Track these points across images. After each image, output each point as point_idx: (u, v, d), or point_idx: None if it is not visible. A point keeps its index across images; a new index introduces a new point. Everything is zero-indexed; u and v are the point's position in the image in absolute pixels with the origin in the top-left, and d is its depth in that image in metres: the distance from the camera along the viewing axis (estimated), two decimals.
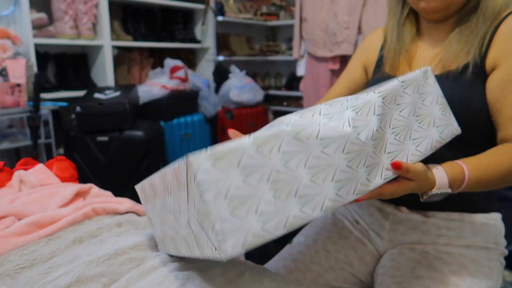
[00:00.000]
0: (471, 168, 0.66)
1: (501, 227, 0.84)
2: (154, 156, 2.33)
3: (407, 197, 0.79)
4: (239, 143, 0.44)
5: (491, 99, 0.74)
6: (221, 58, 3.42)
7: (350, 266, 0.87)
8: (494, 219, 0.82)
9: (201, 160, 0.42)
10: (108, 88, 2.41)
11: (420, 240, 0.82)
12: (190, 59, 3.40)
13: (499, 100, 0.73)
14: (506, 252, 0.83)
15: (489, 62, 0.75)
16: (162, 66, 2.96)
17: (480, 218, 0.81)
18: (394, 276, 0.78)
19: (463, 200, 0.80)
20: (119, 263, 0.62)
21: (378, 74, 0.92)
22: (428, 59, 0.84)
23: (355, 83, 0.98)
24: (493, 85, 0.74)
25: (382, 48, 0.94)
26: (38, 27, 2.25)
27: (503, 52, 0.74)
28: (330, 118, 0.54)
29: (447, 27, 0.83)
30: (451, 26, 0.82)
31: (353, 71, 0.99)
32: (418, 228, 0.82)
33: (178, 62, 2.86)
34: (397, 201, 0.84)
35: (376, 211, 0.87)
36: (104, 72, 2.59)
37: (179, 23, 3.16)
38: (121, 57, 2.89)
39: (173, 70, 2.81)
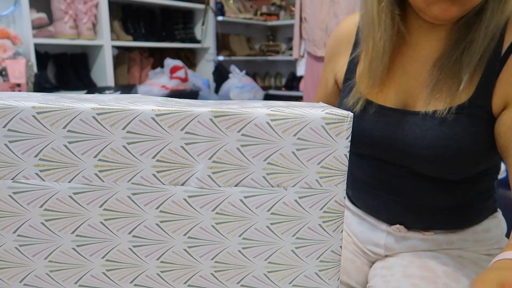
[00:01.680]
0: None
1: (503, 226, 0.80)
2: None
3: (403, 215, 0.76)
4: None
5: (503, 142, 0.60)
6: (221, 58, 3.42)
7: (347, 276, 0.80)
8: (495, 222, 0.78)
9: None
10: (108, 88, 2.41)
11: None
12: (190, 59, 3.40)
13: None
14: None
15: (498, 100, 0.61)
16: (162, 66, 2.96)
17: (482, 225, 0.76)
18: (385, 275, 0.74)
19: (464, 218, 0.75)
20: None
21: (347, 90, 0.75)
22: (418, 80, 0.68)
23: (328, 94, 0.85)
24: (504, 128, 0.60)
25: (355, 46, 0.76)
26: (38, 27, 2.25)
27: None
28: None
29: (444, 32, 0.67)
30: (448, 32, 0.66)
31: (326, 79, 0.84)
32: (416, 246, 0.76)
33: (178, 62, 2.86)
34: (392, 220, 0.77)
35: (368, 229, 0.82)
36: (104, 72, 2.58)
37: (179, 23, 3.16)
38: (121, 57, 2.89)
39: (173, 70, 2.81)
